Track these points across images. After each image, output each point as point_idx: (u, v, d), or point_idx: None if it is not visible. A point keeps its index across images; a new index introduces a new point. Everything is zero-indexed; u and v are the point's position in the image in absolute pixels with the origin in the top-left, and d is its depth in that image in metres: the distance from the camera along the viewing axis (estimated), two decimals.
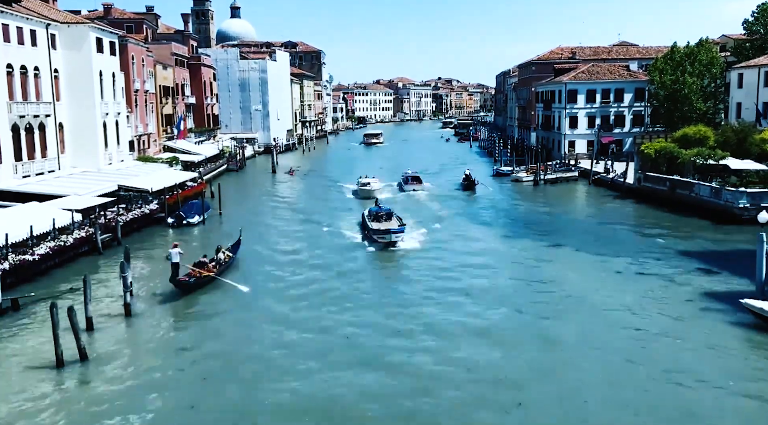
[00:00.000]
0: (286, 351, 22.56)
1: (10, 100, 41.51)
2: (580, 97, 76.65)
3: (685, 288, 28.78)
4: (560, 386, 19.56)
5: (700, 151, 47.62)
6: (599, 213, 48.98)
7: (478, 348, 22.39)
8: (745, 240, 35.46)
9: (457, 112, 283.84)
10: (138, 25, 70.80)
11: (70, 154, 49.14)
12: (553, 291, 29.01)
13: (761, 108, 55.04)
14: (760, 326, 23.40)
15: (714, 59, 66.22)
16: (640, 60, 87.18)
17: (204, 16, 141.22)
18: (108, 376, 20.66)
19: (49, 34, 46.45)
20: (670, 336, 23.31)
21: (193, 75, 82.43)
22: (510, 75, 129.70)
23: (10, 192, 38.71)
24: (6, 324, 25.17)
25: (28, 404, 18.84)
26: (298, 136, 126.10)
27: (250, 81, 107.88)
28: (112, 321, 25.62)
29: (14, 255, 29.92)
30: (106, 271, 32.89)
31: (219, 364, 21.51)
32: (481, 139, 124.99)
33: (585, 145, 76.13)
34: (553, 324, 24.88)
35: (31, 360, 21.79)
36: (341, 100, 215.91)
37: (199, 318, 26.25)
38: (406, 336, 23.67)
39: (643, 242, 38.25)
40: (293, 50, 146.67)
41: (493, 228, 43.80)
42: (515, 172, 69.86)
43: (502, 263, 34.49)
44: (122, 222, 39.62)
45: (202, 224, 45.05)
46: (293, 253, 37.03)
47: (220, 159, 79.30)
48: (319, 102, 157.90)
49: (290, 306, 27.32)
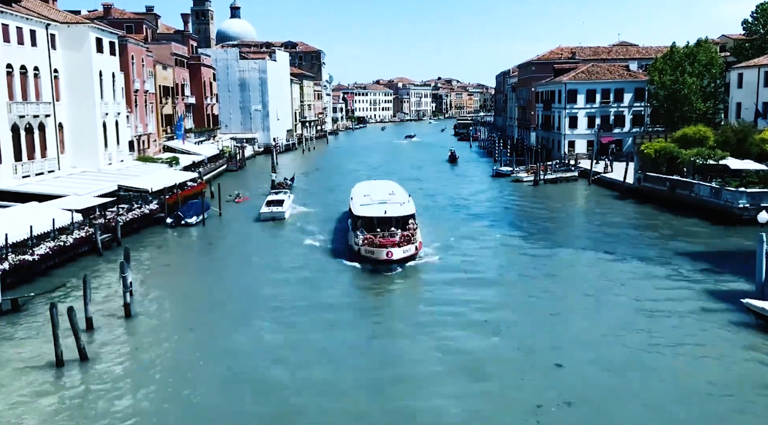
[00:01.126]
0: (284, 352, 22.60)
1: (9, 100, 41.51)
2: (579, 97, 76.67)
3: (685, 288, 28.77)
4: (559, 386, 19.57)
5: (699, 151, 47.61)
6: (599, 213, 48.96)
7: (472, 336, 22.46)
8: (745, 240, 35.48)
9: (457, 112, 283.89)
10: (138, 25, 70.81)
11: (70, 154, 49.14)
12: (551, 292, 29.02)
13: (761, 108, 55.04)
14: (761, 326, 23.41)
15: (714, 59, 66.26)
16: (640, 60, 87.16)
17: (204, 16, 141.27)
18: (108, 376, 20.65)
19: (49, 34, 46.44)
20: (670, 335, 23.30)
21: (192, 75, 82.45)
22: (510, 75, 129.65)
23: (9, 192, 38.71)
24: (6, 324, 25.16)
25: (28, 404, 18.83)
26: (298, 136, 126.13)
27: (250, 81, 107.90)
28: (112, 321, 25.61)
29: (14, 256, 29.91)
30: (106, 271, 32.87)
31: (219, 364, 21.52)
32: (481, 139, 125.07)
33: (585, 145, 76.15)
34: (552, 324, 24.88)
35: (31, 360, 21.78)
36: (341, 100, 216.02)
37: (199, 318, 26.24)
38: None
39: (643, 242, 38.22)
40: (293, 50, 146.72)
41: (493, 227, 43.74)
42: (515, 172, 69.91)
43: (501, 262, 34.50)
44: (122, 223, 39.60)
45: (201, 224, 45.01)
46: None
47: (219, 159, 79.34)
48: (319, 102, 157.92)
49: (290, 307, 27.38)
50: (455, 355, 21.85)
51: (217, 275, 32.99)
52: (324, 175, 78.59)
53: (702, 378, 19.90)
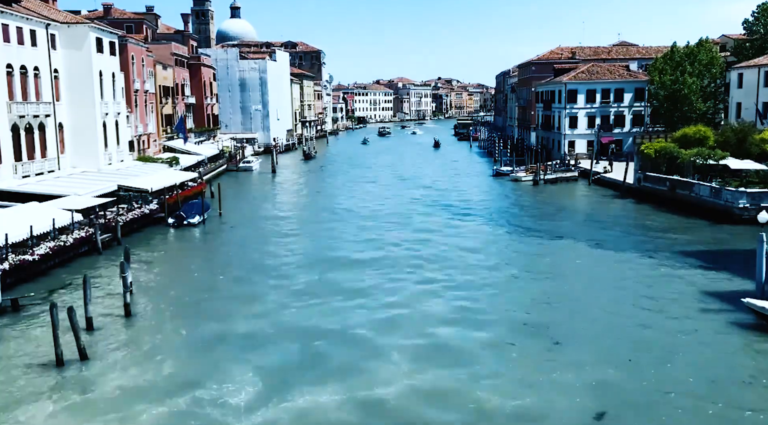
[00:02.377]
0: (289, 349, 22.61)
1: (9, 100, 41.49)
2: (580, 97, 76.66)
3: (685, 288, 28.77)
4: (560, 387, 19.57)
5: (699, 151, 47.62)
6: (599, 213, 48.97)
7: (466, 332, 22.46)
8: (745, 240, 35.47)
9: (457, 112, 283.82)
10: (138, 25, 70.81)
11: (70, 154, 49.13)
12: (550, 292, 29.02)
13: (761, 108, 55.04)
14: (761, 325, 23.41)
15: (714, 59, 66.27)
16: (640, 60, 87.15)
17: (204, 16, 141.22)
18: (108, 376, 20.65)
19: (49, 34, 46.44)
20: (670, 335, 23.30)
21: (192, 75, 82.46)
22: (510, 75, 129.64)
23: (9, 192, 38.70)
24: (6, 324, 25.17)
25: (28, 404, 18.83)
26: (298, 136, 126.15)
27: (250, 81, 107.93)
28: (112, 321, 25.62)
29: (14, 256, 29.92)
30: (106, 271, 32.86)
31: (219, 364, 21.51)
32: (481, 139, 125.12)
33: (585, 145, 76.14)
34: (551, 324, 24.85)
35: (31, 360, 21.79)
36: (341, 100, 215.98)
37: (199, 318, 26.23)
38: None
39: (643, 242, 38.21)
40: (293, 50, 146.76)
41: (492, 227, 43.74)
42: (515, 171, 69.92)
43: (500, 262, 34.48)
44: (122, 223, 39.61)
45: (202, 224, 45.05)
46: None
47: (219, 159, 79.35)
48: (319, 102, 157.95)
49: (294, 305, 27.37)
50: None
51: (216, 274, 32.99)
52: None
53: (701, 378, 19.89)
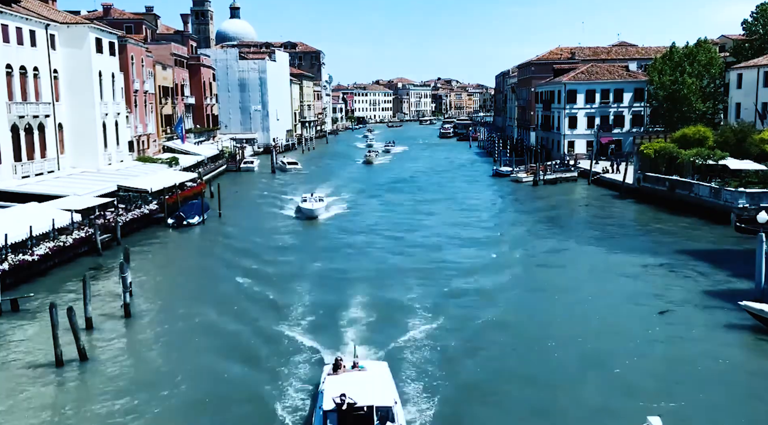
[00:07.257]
0: (289, 349, 22.63)
1: (9, 100, 41.49)
2: (579, 97, 76.67)
3: (683, 289, 28.80)
4: (559, 387, 19.59)
5: (699, 151, 47.64)
6: (598, 213, 49.00)
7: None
8: (745, 240, 35.48)
9: (457, 113, 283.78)
10: (137, 26, 70.79)
11: (70, 154, 49.12)
12: (550, 292, 29.05)
13: (760, 108, 55.05)
14: (758, 328, 23.38)
15: (713, 59, 66.30)
16: (640, 60, 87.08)
17: (203, 17, 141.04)
18: (107, 376, 20.67)
19: (48, 35, 46.43)
20: (668, 337, 23.33)
21: (192, 75, 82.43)
22: (509, 75, 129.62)
23: (9, 192, 38.68)
24: (6, 325, 25.18)
25: (28, 404, 18.85)
26: (298, 136, 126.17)
27: (250, 81, 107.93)
28: (111, 321, 25.63)
29: (14, 256, 29.92)
30: (105, 271, 32.90)
31: (219, 363, 21.52)
32: (480, 140, 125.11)
33: (584, 145, 76.17)
34: (550, 324, 24.89)
35: (30, 360, 21.80)
36: (341, 100, 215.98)
37: (198, 318, 26.24)
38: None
39: (642, 242, 38.25)
40: (293, 50, 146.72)
41: (493, 226, 43.80)
42: (515, 172, 69.97)
43: (499, 262, 34.52)
44: (122, 223, 39.61)
45: (202, 224, 45.06)
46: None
47: (219, 159, 79.35)
48: (319, 102, 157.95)
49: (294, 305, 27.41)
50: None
51: (216, 274, 33.00)
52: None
53: (700, 379, 19.92)
